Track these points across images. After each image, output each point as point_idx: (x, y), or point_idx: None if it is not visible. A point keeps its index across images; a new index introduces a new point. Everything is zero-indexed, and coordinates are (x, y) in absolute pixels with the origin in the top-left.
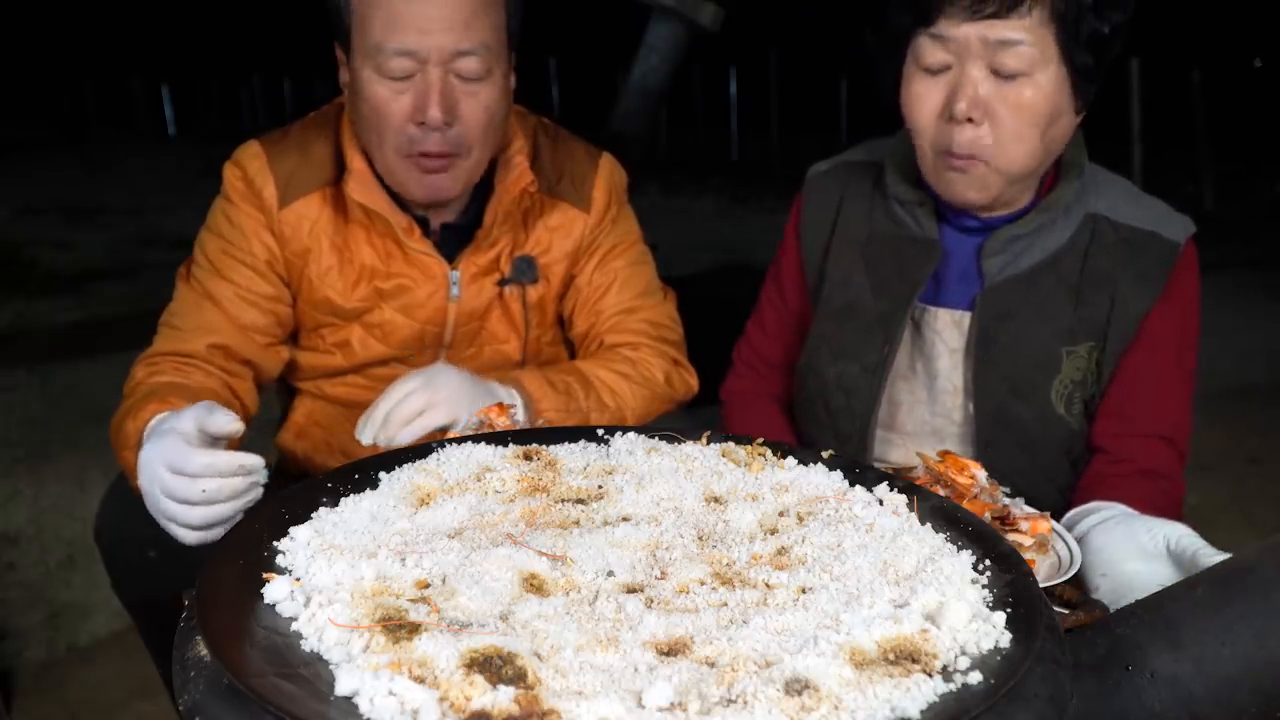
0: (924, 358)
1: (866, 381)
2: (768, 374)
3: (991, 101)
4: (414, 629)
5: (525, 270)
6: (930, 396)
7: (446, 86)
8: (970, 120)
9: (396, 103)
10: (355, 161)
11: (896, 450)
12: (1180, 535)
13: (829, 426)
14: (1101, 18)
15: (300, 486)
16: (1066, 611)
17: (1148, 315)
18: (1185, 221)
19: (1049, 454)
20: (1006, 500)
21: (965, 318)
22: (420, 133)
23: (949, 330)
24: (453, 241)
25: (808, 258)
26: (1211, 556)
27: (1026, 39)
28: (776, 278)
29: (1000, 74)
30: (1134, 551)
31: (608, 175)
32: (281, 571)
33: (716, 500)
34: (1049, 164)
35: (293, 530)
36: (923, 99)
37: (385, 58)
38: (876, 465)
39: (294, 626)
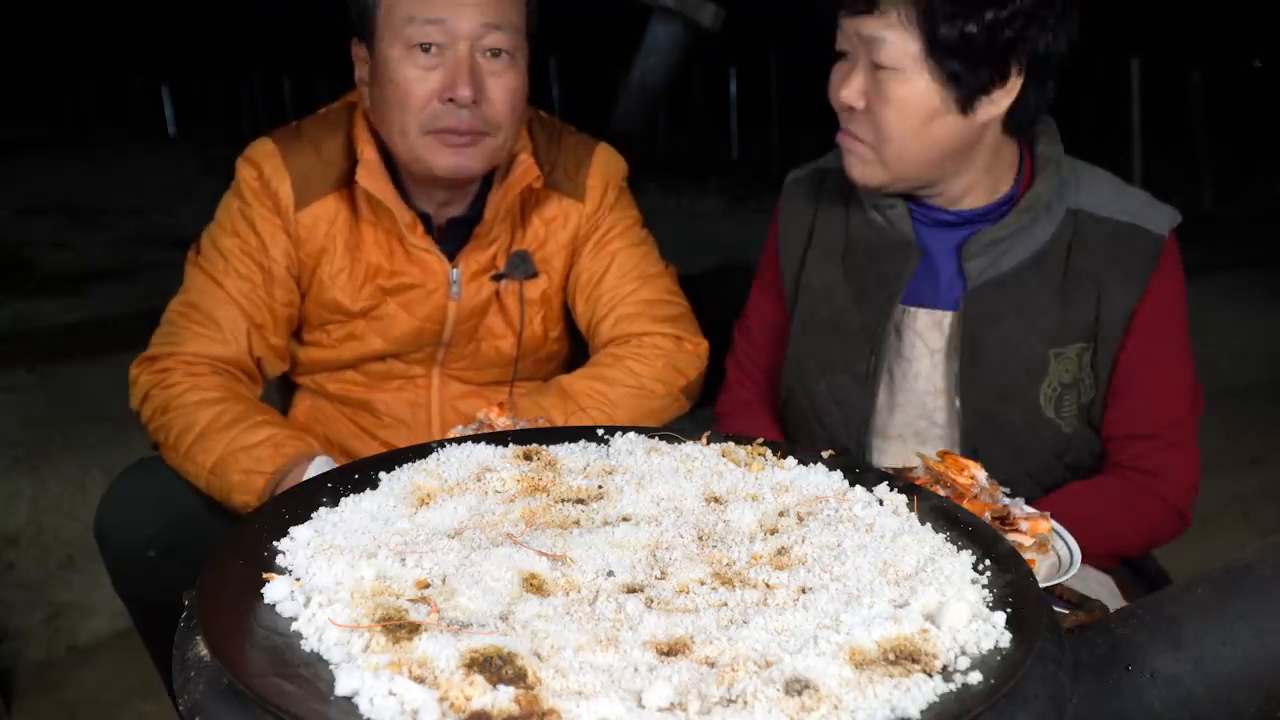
0: (901, 359)
1: (858, 390)
2: (762, 382)
3: (869, 93)
4: (414, 629)
5: (519, 265)
6: (908, 399)
7: (474, 65)
8: (852, 109)
9: (424, 82)
10: (367, 152)
11: (880, 455)
12: None
13: (823, 440)
14: (967, 19)
15: (300, 486)
16: (1066, 611)
17: (1135, 311)
18: (1170, 212)
19: (1039, 457)
20: (1006, 500)
21: (946, 318)
22: (447, 110)
23: (930, 331)
24: (455, 239)
25: (785, 268)
26: None
27: (890, 37)
28: (760, 287)
29: (877, 66)
30: None
31: (603, 164)
32: (281, 571)
33: (716, 500)
34: (952, 164)
35: (293, 530)
36: (832, 83)
37: (416, 28)
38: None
39: (294, 626)
